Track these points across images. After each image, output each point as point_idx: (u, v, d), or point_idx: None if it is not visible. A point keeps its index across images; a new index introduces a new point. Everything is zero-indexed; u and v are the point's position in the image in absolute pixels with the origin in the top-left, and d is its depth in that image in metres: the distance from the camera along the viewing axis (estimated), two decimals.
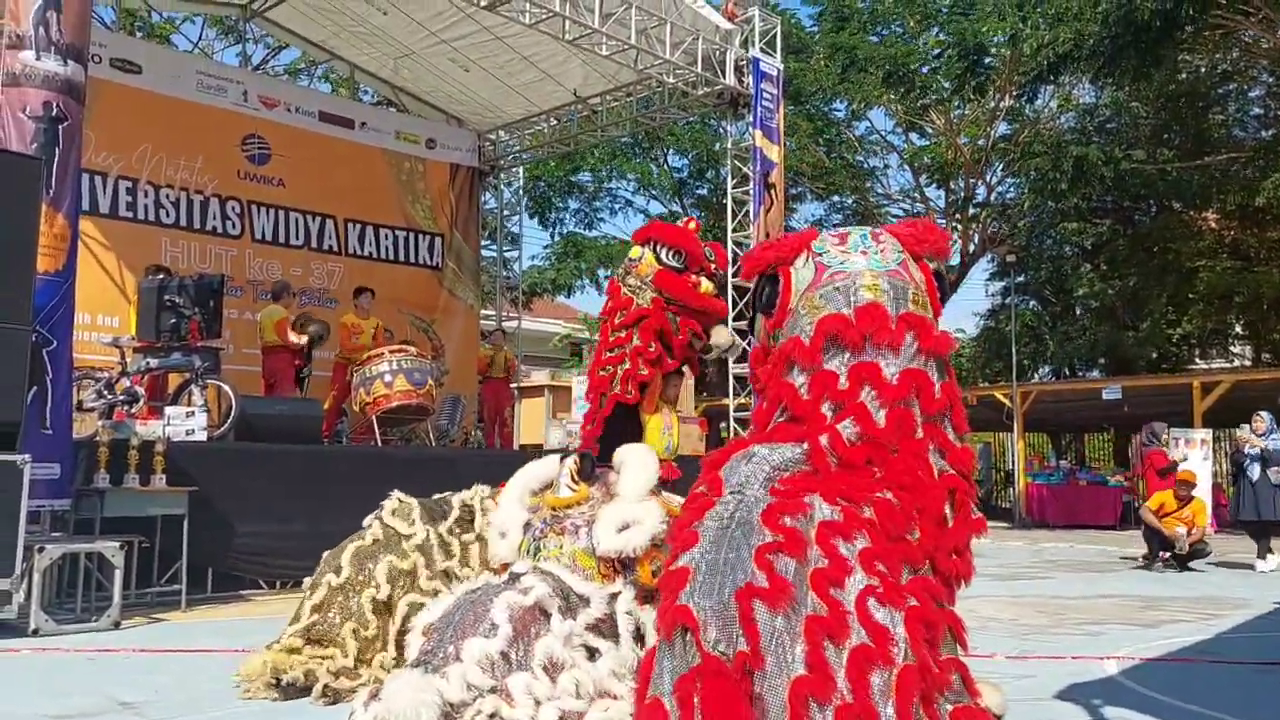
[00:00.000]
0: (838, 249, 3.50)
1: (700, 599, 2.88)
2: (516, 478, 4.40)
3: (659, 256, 5.19)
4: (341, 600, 4.28)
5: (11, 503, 5.60)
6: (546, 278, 21.25)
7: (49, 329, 6.57)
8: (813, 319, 3.43)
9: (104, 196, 10.79)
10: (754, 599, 2.83)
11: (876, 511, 3.08)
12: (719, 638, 2.82)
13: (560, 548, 4.01)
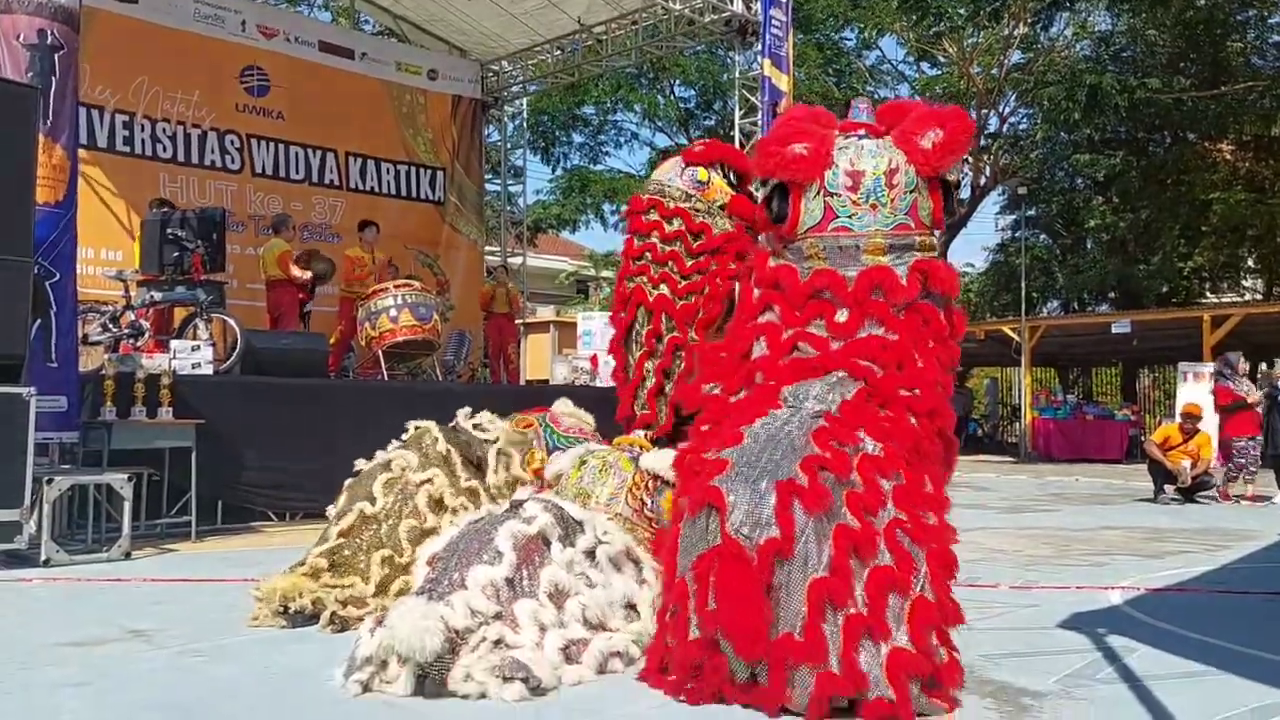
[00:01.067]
0: (849, 195, 3.58)
1: (733, 485, 3.05)
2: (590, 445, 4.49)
3: (729, 180, 4.93)
4: (374, 528, 4.28)
5: (18, 435, 5.60)
6: (551, 213, 21.05)
7: (51, 261, 6.53)
8: (811, 266, 3.66)
9: (101, 130, 10.64)
10: (794, 494, 2.98)
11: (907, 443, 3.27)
12: (744, 522, 2.97)
13: (610, 452, 4.20)
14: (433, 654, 2.89)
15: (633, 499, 3.90)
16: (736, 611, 2.88)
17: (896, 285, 3.52)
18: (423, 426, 4.67)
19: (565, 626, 3.30)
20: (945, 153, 3.54)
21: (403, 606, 3.00)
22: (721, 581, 2.91)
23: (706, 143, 4.80)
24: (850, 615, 2.90)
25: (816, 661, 2.84)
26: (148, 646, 3.70)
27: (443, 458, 4.50)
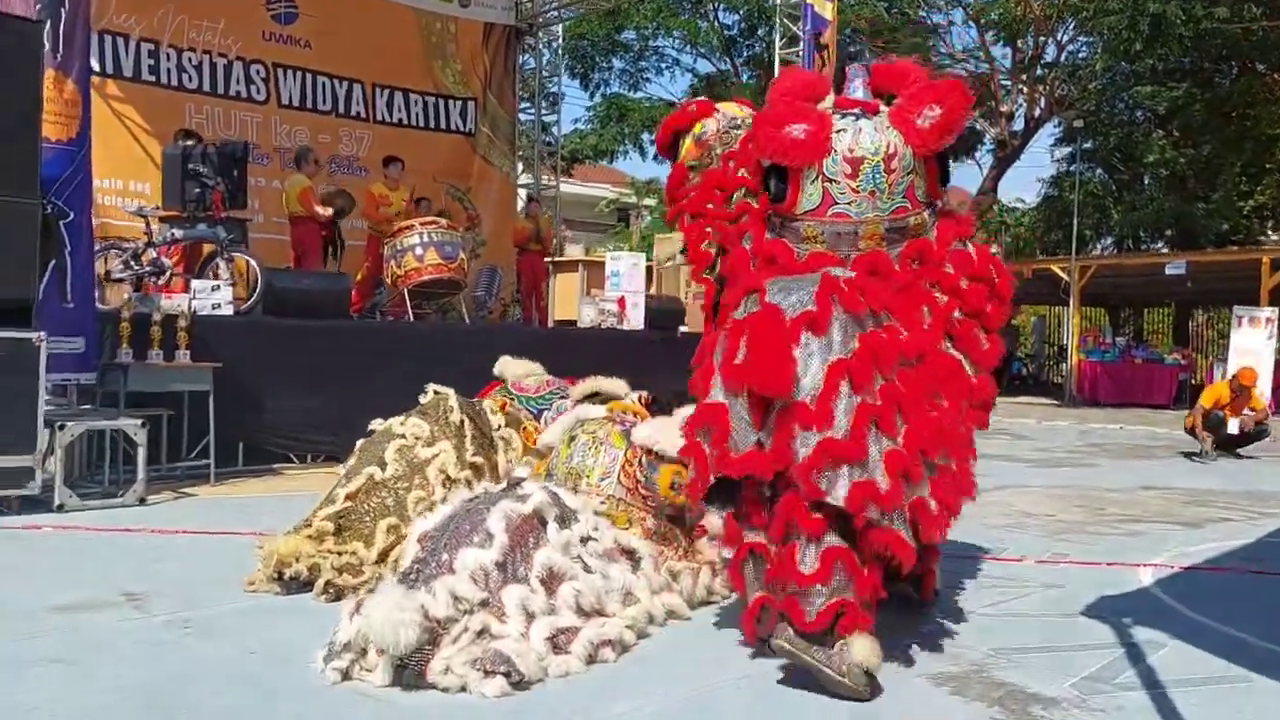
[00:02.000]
0: (849, 182, 3.55)
1: (776, 287, 3.28)
2: (584, 408, 4.38)
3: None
4: (382, 495, 4.18)
5: (29, 380, 5.55)
6: (588, 143, 20.65)
7: (64, 200, 6.41)
8: (809, 248, 3.63)
9: (127, 59, 10.46)
10: (834, 291, 3.21)
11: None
12: (783, 301, 3.20)
13: (601, 425, 4.03)
14: (407, 647, 2.77)
15: (626, 477, 3.75)
16: (766, 352, 3.07)
17: (890, 269, 3.51)
18: (442, 393, 4.53)
19: (555, 614, 3.17)
20: (942, 132, 3.52)
21: (379, 595, 2.88)
22: (754, 333, 3.10)
23: (699, 102, 4.53)
24: (863, 403, 3.06)
25: (823, 427, 3.01)
26: (136, 614, 3.64)
27: (456, 428, 4.36)
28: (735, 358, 3.13)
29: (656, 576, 3.65)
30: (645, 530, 3.72)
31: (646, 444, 3.75)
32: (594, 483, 3.73)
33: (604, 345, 9.65)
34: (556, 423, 4.18)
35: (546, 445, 4.10)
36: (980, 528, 5.42)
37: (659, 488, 3.72)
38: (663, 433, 3.75)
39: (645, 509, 3.73)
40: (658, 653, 3.33)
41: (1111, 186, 23.90)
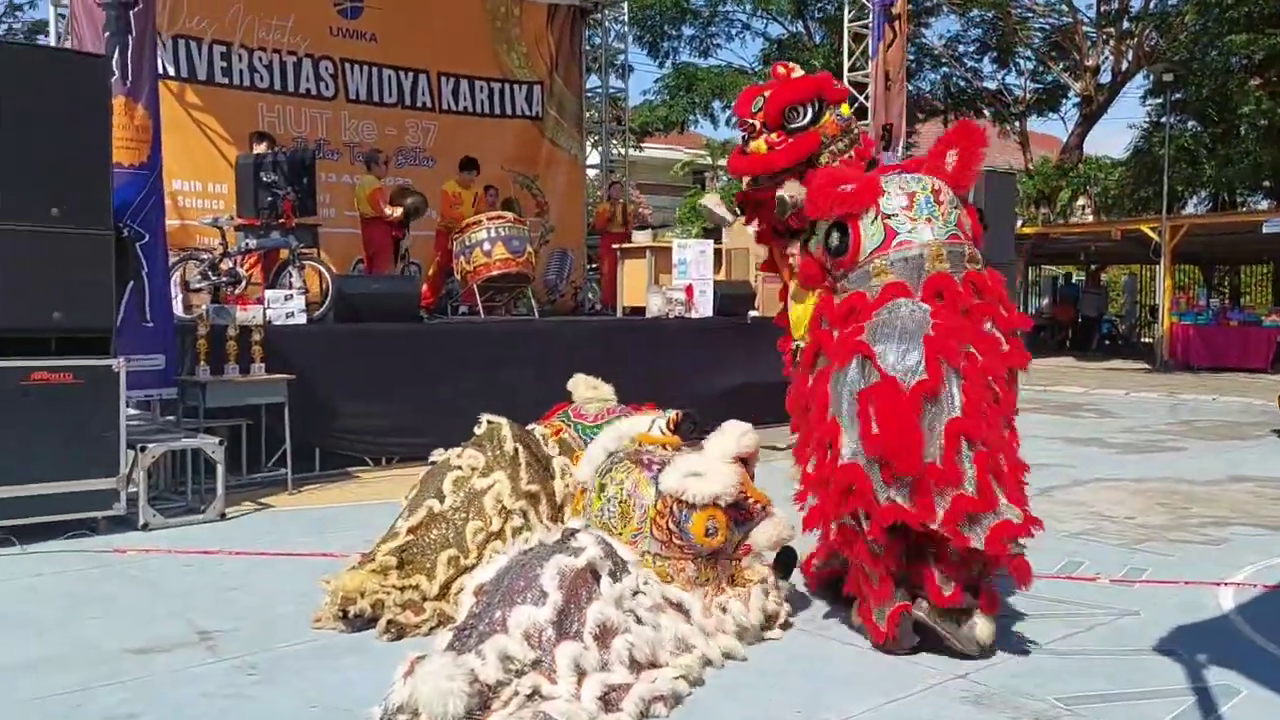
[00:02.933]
0: (906, 214, 3.94)
1: (878, 340, 3.68)
2: (621, 423, 4.38)
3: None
4: (442, 527, 4.26)
5: (110, 405, 5.74)
6: (658, 115, 20.46)
7: (139, 223, 6.61)
8: (881, 281, 3.90)
9: (200, 62, 10.69)
10: (938, 352, 3.62)
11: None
12: (895, 367, 3.61)
13: (628, 473, 3.95)
14: (455, 717, 2.81)
15: (658, 529, 3.72)
16: (899, 433, 3.50)
17: (955, 290, 3.83)
18: (495, 423, 4.57)
19: (608, 669, 3.18)
20: (964, 167, 4.01)
21: (429, 662, 2.92)
22: (883, 409, 3.51)
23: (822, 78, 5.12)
24: (980, 451, 3.56)
25: (955, 485, 3.51)
26: (208, 656, 3.76)
27: (510, 458, 4.40)
28: (869, 428, 3.56)
29: (708, 621, 3.64)
30: (687, 580, 3.71)
31: (675, 494, 3.72)
32: (627, 540, 3.72)
33: (671, 335, 9.63)
34: (589, 455, 4.18)
35: (579, 483, 4.11)
36: (1054, 538, 5.27)
37: (693, 536, 3.70)
38: (690, 477, 3.72)
39: (684, 557, 3.72)
40: (710, 702, 3.32)
41: (1205, 139, 22.85)
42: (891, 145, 11.93)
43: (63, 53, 6.59)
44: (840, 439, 3.64)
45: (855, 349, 3.66)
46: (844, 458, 3.61)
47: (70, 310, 5.63)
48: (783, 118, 5.87)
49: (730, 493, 3.73)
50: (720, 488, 3.71)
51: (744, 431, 3.94)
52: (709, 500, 3.68)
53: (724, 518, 3.74)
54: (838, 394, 3.67)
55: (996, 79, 24.58)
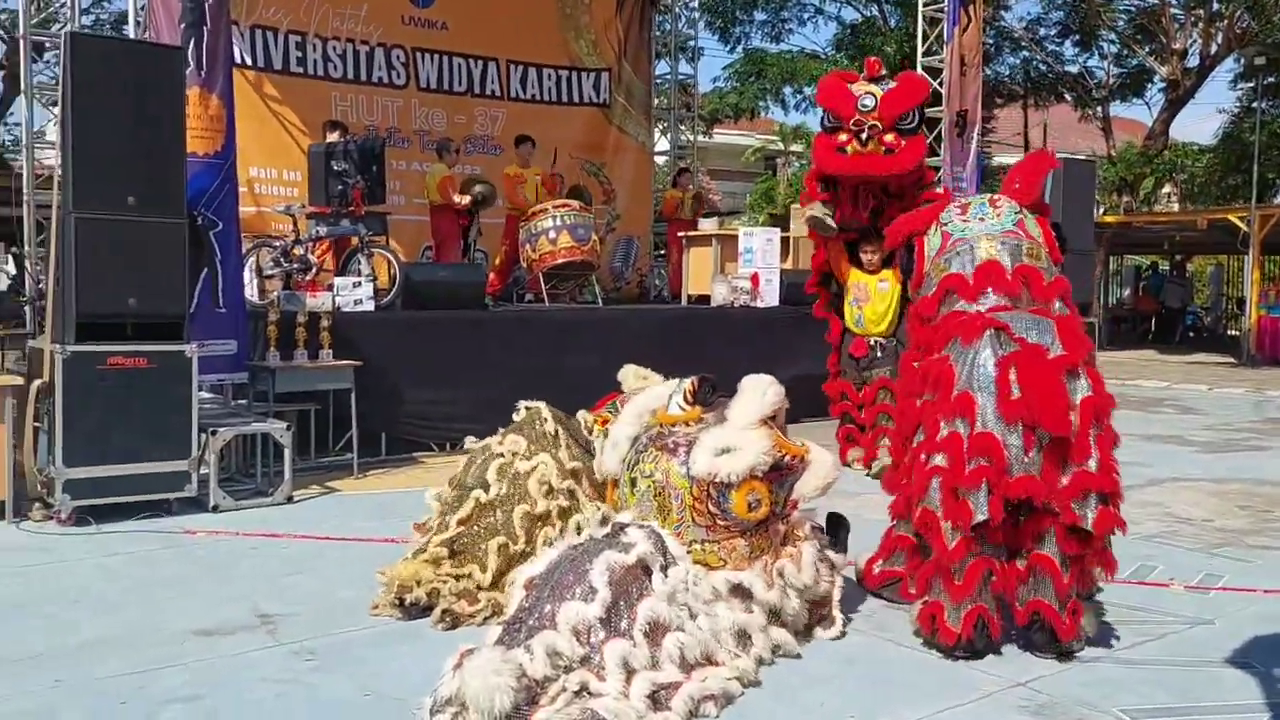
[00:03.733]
0: (960, 219, 4.12)
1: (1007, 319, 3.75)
2: (637, 397, 4.28)
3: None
4: (490, 516, 4.29)
5: (183, 389, 5.89)
6: (728, 101, 20.28)
7: (213, 211, 6.74)
8: (938, 277, 4.05)
9: (276, 52, 10.85)
10: (1072, 333, 3.75)
11: None
12: (1032, 340, 3.65)
13: (656, 462, 3.86)
14: (501, 712, 2.81)
15: (699, 515, 3.64)
16: (1047, 393, 3.53)
17: (1004, 276, 3.92)
18: (533, 408, 4.58)
19: (657, 667, 3.16)
20: (1027, 185, 4.21)
21: (478, 657, 2.93)
22: (1028, 373, 3.54)
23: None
24: (1102, 434, 3.62)
25: (1081, 460, 3.56)
26: (268, 640, 3.84)
27: (551, 438, 4.41)
28: (1009, 393, 3.57)
29: (772, 594, 3.57)
30: (741, 557, 3.61)
31: (708, 478, 3.61)
32: (671, 533, 3.65)
33: (735, 325, 9.55)
34: (612, 441, 4.07)
35: (608, 472, 4.06)
36: (1127, 541, 5.08)
37: (737, 514, 3.59)
38: (720, 455, 3.60)
39: (730, 536, 3.62)
40: (761, 704, 3.28)
41: None
42: (966, 132, 11.66)
43: (139, 45, 6.72)
44: (974, 409, 3.62)
45: (987, 324, 3.69)
46: (978, 428, 3.59)
47: (145, 297, 5.78)
48: (898, 120, 5.99)
49: (764, 460, 3.59)
50: (753, 458, 3.57)
51: (765, 388, 3.78)
52: (744, 475, 3.56)
53: (764, 487, 3.61)
54: (970, 368, 3.67)
55: (1078, 63, 23.88)
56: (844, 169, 6.01)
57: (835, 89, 6.11)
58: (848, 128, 5.87)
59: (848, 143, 5.95)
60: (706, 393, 4.00)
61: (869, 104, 5.90)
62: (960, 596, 3.60)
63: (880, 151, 5.90)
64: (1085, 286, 11.39)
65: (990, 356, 3.65)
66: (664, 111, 14.50)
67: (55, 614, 4.13)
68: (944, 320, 3.93)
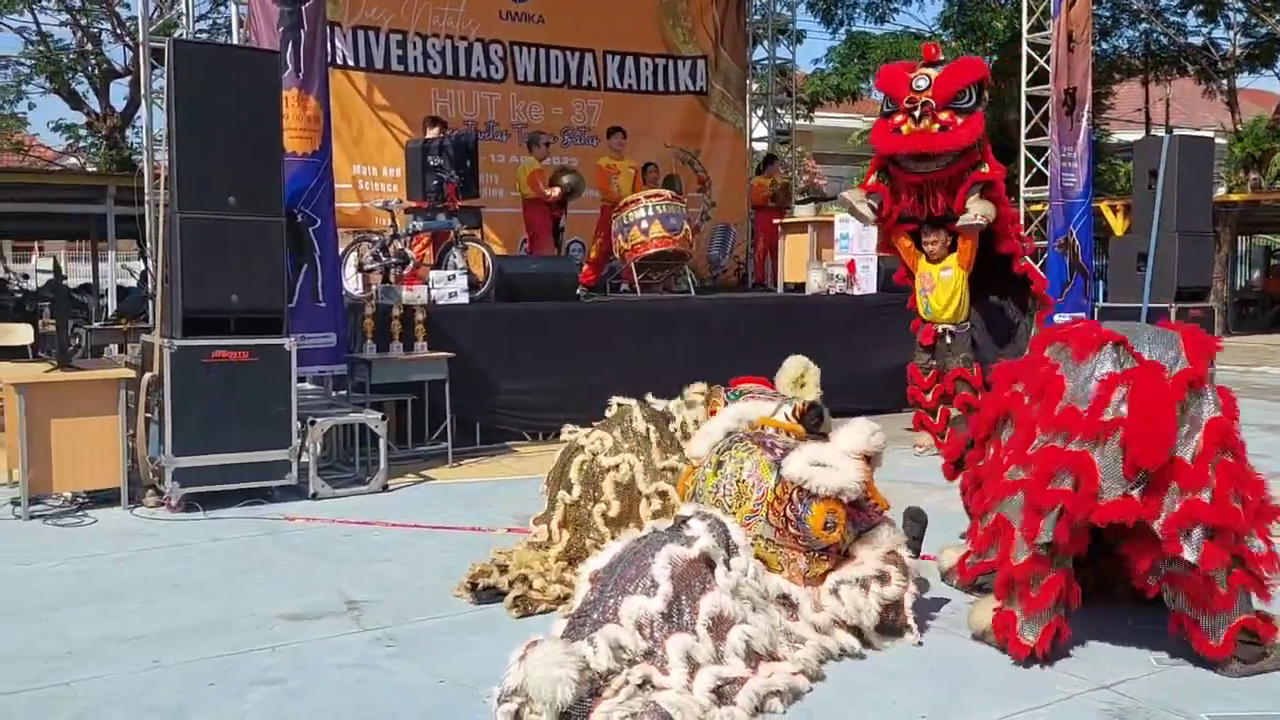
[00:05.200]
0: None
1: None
2: (743, 405, 4.31)
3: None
4: (576, 516, 4.39)
5: (283, 381, 6.12)
6: (829, 84, 19.95)
7: (312, 208, 6.97)
8: None
9: (378, 50, 11.13)
10: (1199, 346, 3.55)
11: None
12: (1155, 355, 3.46)
13: (749, 453, 3.89)
14: (564, 704, 2.85)
15: (774, 515, 3.62)
16: (1151, 417, 3.30)
17: None
18: (624, 405, 4.60)
19: (722, 661, 3.16)
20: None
21: (541, 648, 2.97)
22: (1139, 392, 3.34)
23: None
24: (1226, 461, 3.37)
25: (1196, 487, 3.31)
26: (352, 626, 3.97)
27: (642, 437, 4.42)
28: (1104, 409, 3.40)
29: (818, 616, 3.55)
30: (797, 573, 3.61)
31: (798, 481, 3.61)
32: (740, 522, 3.65)
33: (831, 313, 9.42)
34: (706, 430, 4.12)
35: (695, 456, 4.06)
36: None
37: (811, 528, 3.59)
38: (815, 466, 3.61)
39: (796, 549, 3.62)
40: (829, 701, 3.25)
41: None
42: (1075, 110, 11.21)
43: (238, 49, 7.01)
44: (1077, 425, 3.47)
45: (1105, 337, 3.55)
46: (1073, 446, 3.45)
47: (246, 292, 6.01)
48: (954, 97, 5.84)
49: (855, 488, 3.61)
50: (845, 481, 3.60)
51: (874, 430, 3.80)
52: (832, 492, 3.57)
53: (844, 514, 3.62)
54: (1081, 382, 3.51)
55: (1202, 33, 22.69)
56: (898, 147, 5.89)
57: (892, 74, 6.05)
58: (903, 107, 5.77)
59: (903, 122, 5.86)
60: (813, 418, 4.03)
61: (923, 84, 5.81)
62: (1035, 609, 3.50)
63: (934, 129, 5.75)
64: (1205, 269, 10.88)
65: (1109, 370, 3.50)
66: (762, 97, 14.35)
67: (159, 597, 4.35)
68: (1064, 328, 3.88)
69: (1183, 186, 10.06)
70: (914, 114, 5.78)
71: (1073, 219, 10.72)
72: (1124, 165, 21.97)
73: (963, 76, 5.84)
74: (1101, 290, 12.85)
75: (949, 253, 6.45)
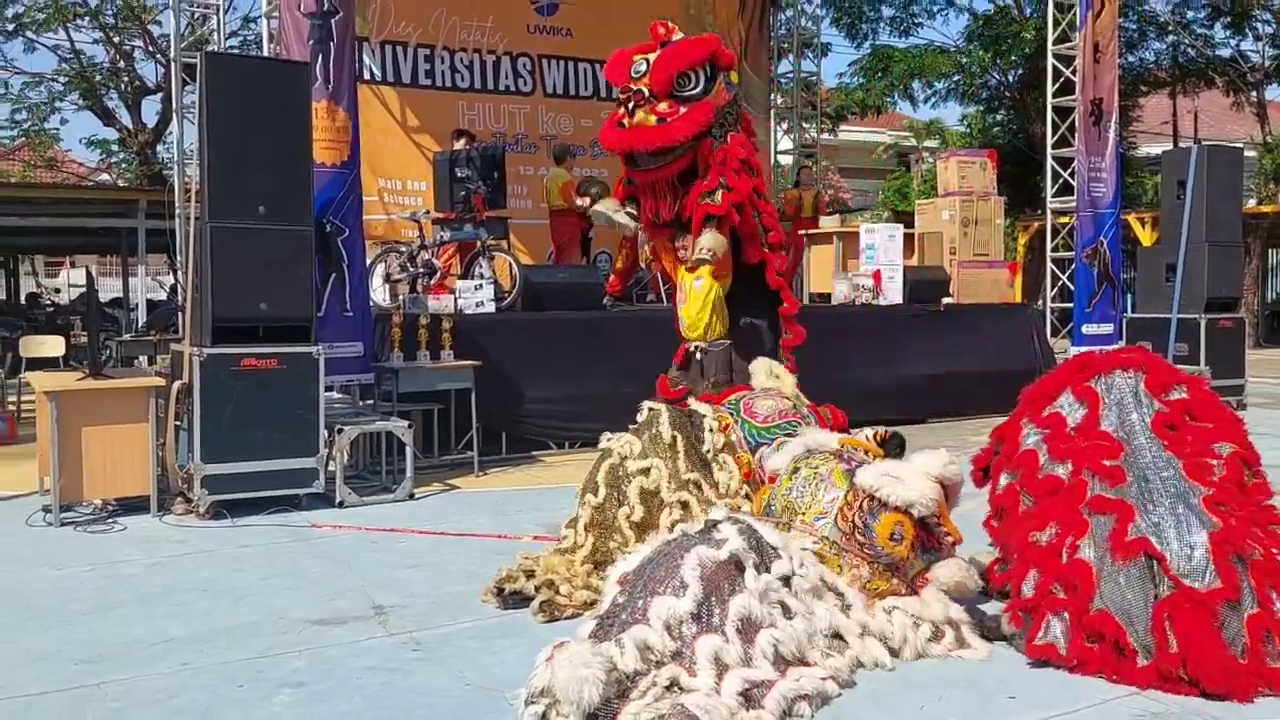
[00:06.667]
0: None
1: (1158, 534, 3.40)
2: (813, 433, 4.35)
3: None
4: (602, 519, 4.39)
5: (311, 389, 6.15)
6: (854, 98, 19.95)
7: (340, 219, 7.03)
8: None
9: (405, 65, 11.27)
10: (1226, 542, 3.35)
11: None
12: (1183, 563, 3.34)
13: (825, 462, 3.94)
14: (590, 705, 2.84)
15: (844, 520, 3.62)
16: (1207, 654, 3.21)
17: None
18: (655, 409, 4.60)
19: (751, 665, 3.14)
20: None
21: (567, 649, 2.96)
22: (1184, 628, 3.25)
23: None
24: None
25: (1267, 684, 3.23)
26: (379, 631, 3.98)
27: (668, 445, 4.42)
28: (1166, 644, 3.26)
29: (871, 620, 3.52)
30: (857, 579, 3.59)
31: (870, 489, 3.61)
32: (809, 521, 3.64)
33: (857, 323, 9.40)
34: (785, 449, 4.12)
35: (774, 470, 4.06)
36: None
37: (877, 536, 3.58)
38: (889, 478, 3.61)
39: (860, 556, 3.61)
40: (857, 707, 3.22)
41: None
42: (1102, 121, 11.15)
43: (269, 61, 7.09)
44: (1126, 638, 3.33)
45: (1137, 547, 3.37)
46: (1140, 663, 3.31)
47: (275, 301, 6.06)
48: (673, 85, 5.09)
49: (925, 504, 3.60)
50: (915, 495, 3.59)
51: (951, 460, 3.79)
52: (901, 504, 3.57)
53: (912, 530, 3.61)
54: (1122, 594, 3.37)
55: (1231, 45, 22.51)
56: (613, 144, 5.19)
57: (616, 59, 5.33)
58: (625, 98, 5.08)
59: (624, 116, 5.13)
60: (894, 446, 4.09)
61: (640, 69, 5.10)
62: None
63: (650, 121, 4.99)
64: (1235, 280, 10.76)
65: (1146, 589, 3.33)
66: (787, 110, 14.37)
67: (189, 602, 4.37)
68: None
69: (1211, 197, 9.97)
70: (629, 105, 5.07)
71: (1102, 229, 10.65)
72: (1151, 179, 21.82)
73: (683, 58, 5.09)
74: (1130, 302, 12.74)
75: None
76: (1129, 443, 3.64)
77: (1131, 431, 3.68)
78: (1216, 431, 3.69)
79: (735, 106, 5.17)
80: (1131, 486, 3.53)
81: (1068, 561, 3.46)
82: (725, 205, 5.16)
